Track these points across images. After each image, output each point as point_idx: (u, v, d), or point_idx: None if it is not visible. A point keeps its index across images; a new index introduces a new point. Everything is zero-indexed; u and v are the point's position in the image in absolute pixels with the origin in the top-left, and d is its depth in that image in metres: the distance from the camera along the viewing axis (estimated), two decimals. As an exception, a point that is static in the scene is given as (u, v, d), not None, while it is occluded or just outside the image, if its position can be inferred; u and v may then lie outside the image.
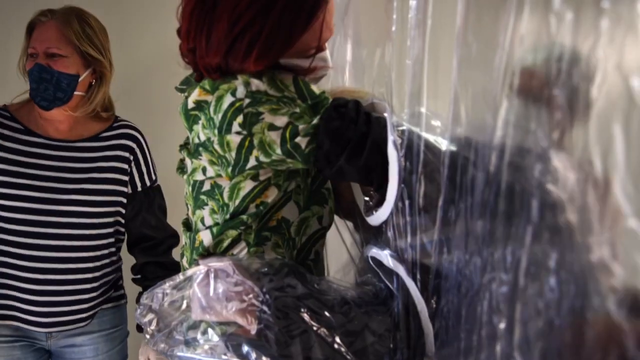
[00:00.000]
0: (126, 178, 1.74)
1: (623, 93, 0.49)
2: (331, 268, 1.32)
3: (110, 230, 1.74)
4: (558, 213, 0.59)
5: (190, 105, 1.08)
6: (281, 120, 0.99)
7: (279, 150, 0.99)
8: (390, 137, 0.97)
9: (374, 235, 1.08)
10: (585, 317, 0.55)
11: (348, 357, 0.91)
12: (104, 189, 1.70)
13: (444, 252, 0.88)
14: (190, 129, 1.11)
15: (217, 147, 1.04)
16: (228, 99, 1.01)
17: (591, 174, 0.53)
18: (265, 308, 0.88)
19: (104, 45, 1.71)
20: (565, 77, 0.58)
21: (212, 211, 1.09)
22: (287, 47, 1.04)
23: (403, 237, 0.97)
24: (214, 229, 1.08)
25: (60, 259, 1.66)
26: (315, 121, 0.99)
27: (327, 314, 0.90)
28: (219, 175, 1.07)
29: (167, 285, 1.10)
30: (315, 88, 1.04)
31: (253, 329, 0.92)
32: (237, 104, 1.00)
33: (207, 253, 1.09)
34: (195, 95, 1.07)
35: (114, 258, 1.78)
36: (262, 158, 1.01)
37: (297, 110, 1.00)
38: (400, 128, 0.95)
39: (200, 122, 1.06)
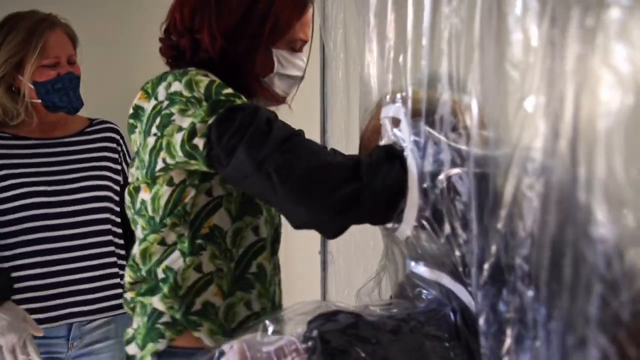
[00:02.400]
0: (119, 167, 1.78)
1: (606, 102, 0.49)
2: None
3: (106, 227, 1.75)
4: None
5: (130, 111, 1.11)
6: (186, 122, 0.98)
7: (180, 152, 0.99)
8: (408, 145, 0.90)
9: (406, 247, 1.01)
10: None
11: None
12: (100, 175, 1.74)
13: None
14: (130, 139, 1.14)
15: (141, 150, 1.07)
16: (152, 102, 1.05)
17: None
18: (312, 352, 0.80)
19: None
20: None
21: (143, 228, 1.09)
22: (288, 28, 1.15)
23: (443, 244, 0.89)
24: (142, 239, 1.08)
25: (66, 248, 1.70)
26: (210, 121, 0.96)
27: (377, 340, 0.82)
28: (137, 179, 1.09)
29: None
30: (227, 89, 1.01)
31: (306, 380, 0.83)
32: (158, 107, 1.04)
33: (134, 263, 1.09)
34: (137, 98, 1.10)
35: (122, 252, 1.78)
36: (168, 160, 1.01)
37: (200, 110, 0.98)
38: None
39: (137, 130, 1.09)
